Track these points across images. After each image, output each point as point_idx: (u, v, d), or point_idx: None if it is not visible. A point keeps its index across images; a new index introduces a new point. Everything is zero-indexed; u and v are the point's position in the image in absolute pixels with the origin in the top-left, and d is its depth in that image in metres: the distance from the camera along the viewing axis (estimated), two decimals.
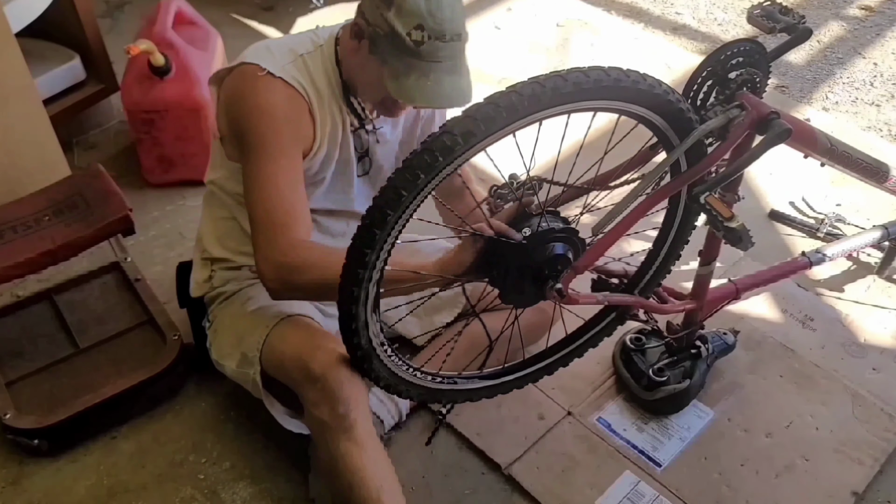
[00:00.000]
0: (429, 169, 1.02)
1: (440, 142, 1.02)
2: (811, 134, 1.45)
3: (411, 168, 1.02)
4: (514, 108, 1.02)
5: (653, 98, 1.11)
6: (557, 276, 1.20)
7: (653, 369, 1.63)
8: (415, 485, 1.56)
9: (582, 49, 2.79)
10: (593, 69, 1.05)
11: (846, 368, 1.77)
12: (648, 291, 1.45)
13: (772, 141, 1.20)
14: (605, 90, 1.06)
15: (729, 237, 1.19)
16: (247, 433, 1.65)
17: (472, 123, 1.01)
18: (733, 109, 1.23)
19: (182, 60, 2.05)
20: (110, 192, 1.73)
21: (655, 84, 1.10)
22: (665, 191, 1.24)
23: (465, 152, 1.04)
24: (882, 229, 1.80)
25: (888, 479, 1.58)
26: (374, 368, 1.24)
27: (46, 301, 1.82)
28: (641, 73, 1.10)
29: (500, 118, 1.01)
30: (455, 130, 1.01)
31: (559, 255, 1.20)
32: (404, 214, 1.06)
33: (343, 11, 2.94)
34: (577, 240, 1.22)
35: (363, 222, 1.07)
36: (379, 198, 1.05)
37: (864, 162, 1.57)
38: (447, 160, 1.02)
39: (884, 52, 2.82)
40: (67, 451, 1.61)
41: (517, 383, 1.46)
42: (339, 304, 1.13)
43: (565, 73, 1.04)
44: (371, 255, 1.07)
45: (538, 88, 1.02)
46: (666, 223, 1.37)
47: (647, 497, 1.54)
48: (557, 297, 1.21)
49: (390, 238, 1.07)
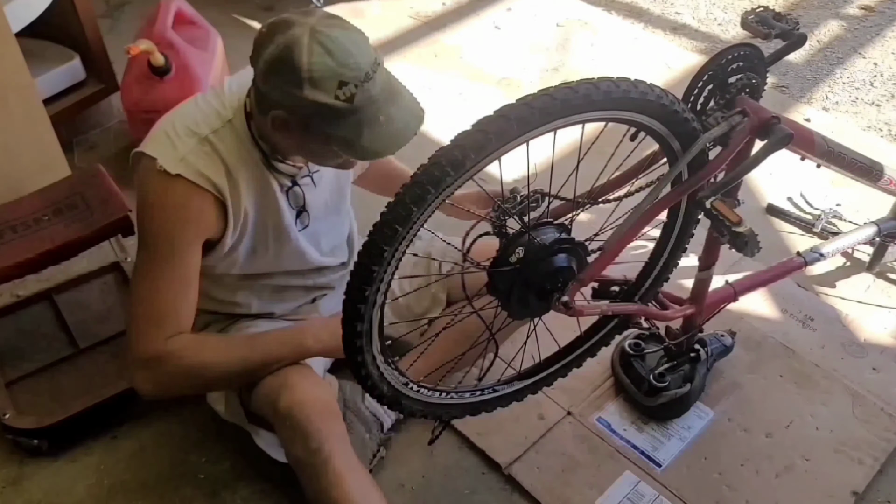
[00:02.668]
0: (437, 183, 1.01)
1: (450, 155, 1.00)
2: (810, 137, 1.45)
3: (420, 184, 1.01)
4: (526, 120, 1.00)
5: (658, 108, 1.10)
6: (563, 289, 1.19)
7: (653, 375, 1.63)
8: (415, 485, 1.57)
9: (582, 49, 2.79)
10: (602, 80, 1.04)
11: (846, 368, 1.77)
12: (649, 298, 1.44)
13: (773, 146, 1.20)
14: (614, 101, 1.05)
15: (735, 243, 1.17)
16: (247, 433, 1.64)
17: (482, 137, 1.00)
18: (735, 116, 1.22)
19: (182, 60, 2.05)
20: (110, 192, 1.73)
21: (661, 94, 1.10)
22: (669, 199, 1.23)
23: (475, 166, 1.02)
24: (874, 226, 1.80)
25: (888, 479, 1.58)
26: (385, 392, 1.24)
27: (46, 301, 1.82)
28: (648, 84, 1.09)
29: (511, 130, 1.00)
30: (465, 143, 1.00)
31: (562, 268, 1.18)
32: (420, 219, 1.05)
33: (343, 11, 2.94)
34: (578, 249, 1.21)
35: (371, 237, 1.04)
36: (387, 212, 1.03)
37: (858, 162, 1.57)
38: (457, 174, 1.01)
39: (884, 52, 2.82)
40: (67, 451, 1.61)
41: (517, 395, 1.45)
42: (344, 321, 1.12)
43: (575, 84, 1.03)
44: (379, 271, 1.06)
45: (548, 101, 1.01)
46: (665, 230, 1.37)
47: (647, 497, 1.54)
48: (564, 310, 1.19)
49: (404, 243, 1.06)
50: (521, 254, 1.16)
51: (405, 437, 1.63)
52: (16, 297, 1.84)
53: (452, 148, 1.00)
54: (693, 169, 1.22)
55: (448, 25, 2.91)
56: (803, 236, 2.09)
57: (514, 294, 1.19)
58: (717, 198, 1.19)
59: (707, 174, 1.22)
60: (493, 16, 2.96)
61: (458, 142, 1.00)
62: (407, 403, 1.29)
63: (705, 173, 1.21)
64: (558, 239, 1.18)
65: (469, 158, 1.00)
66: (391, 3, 3.01)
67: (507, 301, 1.21)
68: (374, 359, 1.17)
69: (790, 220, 2.12)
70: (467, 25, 2.91)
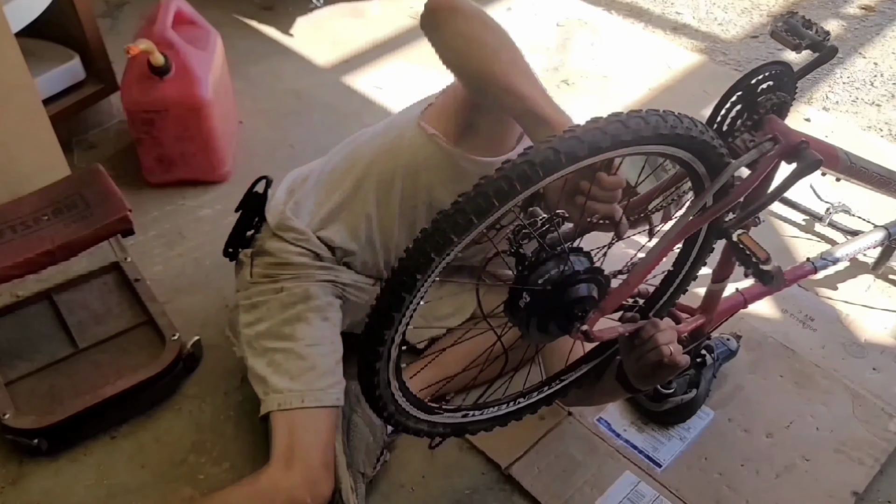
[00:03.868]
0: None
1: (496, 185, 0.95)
2: (834, 154, 1.43)
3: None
4: (575, 154, 0.96)
5: (689, 140, 1.06)
6: (583, 318, 1.15)
7: None
8: (415, 485, 1.56)
9: (582, 49, 2.79)
10: (650, 114, 1.00)
11: (846, 368, 1.77)
12: (664, 313, 1.42)
13: (802, 172, 1.15)
14: (656, 137, 1.01)
15: (761, 278, 1.15)
16: (247, 433, 1.65)
17: (529, 168, 0.95)
18: (766, 143, 1.17)
19: (182, 60, 2.05)
20: (110, 192, 1.73)
21: (692, 126, 1.05)
22: (692, 225, 1.19)
23: (521, 194, 0.97)
24: (883, 230, 1.80)
25: (888, 479, 1.58)
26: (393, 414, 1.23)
27: (46, 301, 1.82)
28: (681, 116, 1.05)
29: (559, 162, 0.96)
30: (512, 174, 0.95)
31: (584, 297, 1.15)
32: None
33: (343, 11, 2.94)
34: (601, 278, 1.17)
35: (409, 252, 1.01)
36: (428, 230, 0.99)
37: (878, 175, 1.56)
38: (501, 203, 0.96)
39: (884, 52, 2.82)
40: (67, 451, 1.61)
41: (530, 409, 1.43)
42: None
43: (625, 117, 0.98)
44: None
45: (598, 135, 0.96)
46: (684, 250, 1.33)
47: (648, 497, 1.54)
48: (583, 339, 1.17)
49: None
50: (549, 277, 1.12)
51: (405, 437, 1.62)
52: (15, 297, 1.83)
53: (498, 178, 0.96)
54: (718, 195, 1.17)
55: None
56: (811, 240, 2.08)
57: (533, 318, 1.15)
58: (745, 232, 1.16)
59: (732, 200, 1.17)
60: (493, 15, 2.95)
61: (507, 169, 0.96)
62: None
63: (730, 199, 1.17)
64: (589, 268, 1.14)
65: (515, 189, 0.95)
66: (391, 3, 3.01)
67: (525, 324, 1.17)
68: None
69: (799, 209, 2.11)
70: None
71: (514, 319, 1.18)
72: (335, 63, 2.71)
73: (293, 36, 2.82)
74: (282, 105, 2.52)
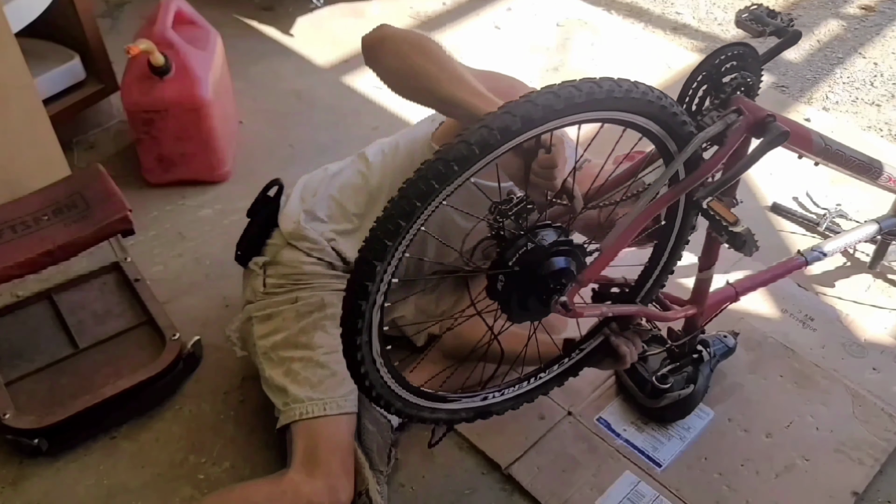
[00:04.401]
0: (442, 178, 1.00)
1: (457, 150, 0.99)
2: (807, 135, 1.45)
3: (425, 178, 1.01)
4: (531, 118, 1.00)
5: (655, 109, 1.10)
6: (562, 290, 1.17)
7: (656, 377, 1.62)
8: (415, 485, 1.56)
9: (582, 49, 2.79)
10: (605, 80, 1.03)
11: (846, 368, 1.77)
12: (650, 299, 1.44)
13: (770, 144, 1.19)
14: (614, 101, 1.04)
15: (733, 242, 1.17)
16: (247, 433, 1.65)
17: (488, 133, 0.98)
18: (730, 115, 1.22)
19: (182, 60, 2.05)
20: (110, 192, 1.73)
21: (661, 95, 1.09)
22: (665, 199, 1.23)
23: (477, 164, 1.01)
24: (875, 224, 1.80)
25: (888, 479, 1.58)
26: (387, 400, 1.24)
27: (46, 301, 1.82)
28: (646, 84, 1.08)
29: (515, 126, 0.99)
30: (471, 139, 0.99)
31: (561, 270, 1.17)
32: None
33: (343, 11, 2.94)
34: (576, 250, 1.19)
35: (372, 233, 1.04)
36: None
37: (856, 159, 1.57)
38: (462, 169, 1.00)
39: (884, 52, 2.82)
40: (67, 451, 1.61)
41: (527, 396, 1.44)
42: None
43: (578, 83, 1.02)
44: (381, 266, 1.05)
45: (552, 98, 1.00)
46: (664, 231, 1.36)
47: (647, 497, 1.54)
48: (563, 311, 1.18)
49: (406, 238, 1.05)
50: (519, 256, 1.14)
51: (405, 437, 1.63)
52: (15, 297, 1.83)
53: (458, 143, 0.99)
54: (689, 169, 1.22)
55: (448, 25, 2.91)
56: (805, 236, 2.09)
57: (513, 297, 1.18)
58: (714, 198, 1.19)
59: (703, 173, 1.21)
60: (493, 15, 2.95)
61: (463, 137, 0.99)
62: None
63: (701, 172, 1.21)
64: (556, 241, 1.16)
65: (474, 154, 0.99)
66: (391, 3, 3.01)
67: (507, 304, 1.20)
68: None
69: (795, 218, 2.12)
70: (467, 25, 2.91)
71: (498, 303, 1.20)
72: (335, 63, 2.71)
73: (293, 36, 2.82)
74: (282, 105, 2.52)
